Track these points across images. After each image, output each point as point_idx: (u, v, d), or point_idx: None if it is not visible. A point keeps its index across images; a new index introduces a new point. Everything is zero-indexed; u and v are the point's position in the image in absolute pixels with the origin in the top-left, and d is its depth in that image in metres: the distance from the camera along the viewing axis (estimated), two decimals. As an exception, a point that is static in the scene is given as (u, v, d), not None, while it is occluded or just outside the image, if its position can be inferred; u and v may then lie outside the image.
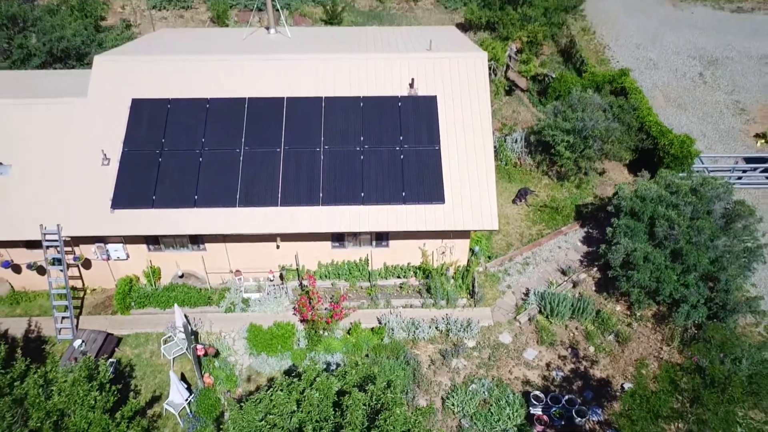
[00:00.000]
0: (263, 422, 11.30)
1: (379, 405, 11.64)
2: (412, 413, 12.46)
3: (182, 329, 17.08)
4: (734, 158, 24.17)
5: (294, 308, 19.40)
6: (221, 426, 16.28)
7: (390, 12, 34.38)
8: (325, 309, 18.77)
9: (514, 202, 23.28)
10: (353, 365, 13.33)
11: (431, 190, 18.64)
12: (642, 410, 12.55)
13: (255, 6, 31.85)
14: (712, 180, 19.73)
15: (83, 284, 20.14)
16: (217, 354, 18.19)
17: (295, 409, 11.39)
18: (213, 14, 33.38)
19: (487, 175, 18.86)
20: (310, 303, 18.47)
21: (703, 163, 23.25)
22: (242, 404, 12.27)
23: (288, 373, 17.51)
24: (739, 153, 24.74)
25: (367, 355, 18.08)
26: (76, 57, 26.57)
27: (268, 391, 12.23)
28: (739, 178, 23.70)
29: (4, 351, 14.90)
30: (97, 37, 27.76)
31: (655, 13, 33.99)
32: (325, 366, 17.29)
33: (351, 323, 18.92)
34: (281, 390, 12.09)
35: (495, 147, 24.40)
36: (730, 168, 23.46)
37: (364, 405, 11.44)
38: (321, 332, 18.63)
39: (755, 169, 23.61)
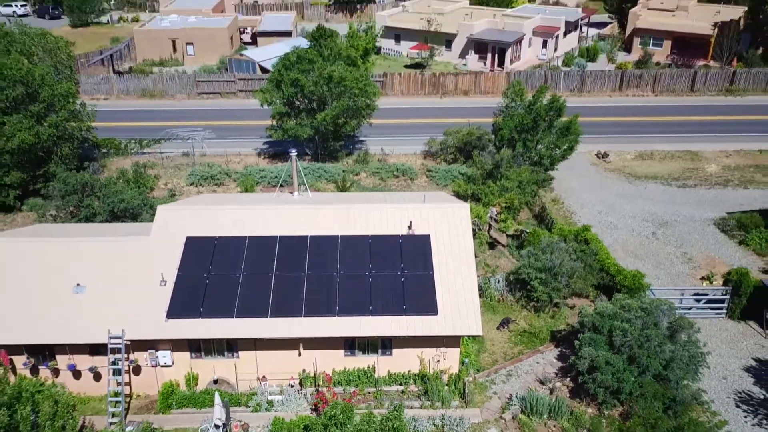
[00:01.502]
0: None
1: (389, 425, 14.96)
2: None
3: (222, 405, 20.33)
4: (680, 290, 28.57)
5: (311, 409, 22.65)
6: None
7: (390, 187, 40.73)
8: (339, 406, 22.04)
9: (498, 328, 27.29)
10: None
11: (426, 304, 22.91)
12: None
13: (279, 183, 37.92)
14: (657, 300, 24.05)
15: (130, 390, 23.50)
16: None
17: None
18: (242, 189, 39.63)
19: (472, 293, 23.24)
20: (326, 399, 21.84)
21: (654, 295, 27.55)
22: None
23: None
24: (684, 287, 29.26)
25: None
26: (132, 217, 32.03)
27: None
28: (690, 308, 27.94)
29: (77, 419, 18.23)
30: (149, 201, 33.48)
31: (613, 189, 40.31)
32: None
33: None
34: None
35: (480, 286, 28.87)
36: (678, 299, 27.79)
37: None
38: (335, 426, 21.73)
39: (699, 300, 28.00)
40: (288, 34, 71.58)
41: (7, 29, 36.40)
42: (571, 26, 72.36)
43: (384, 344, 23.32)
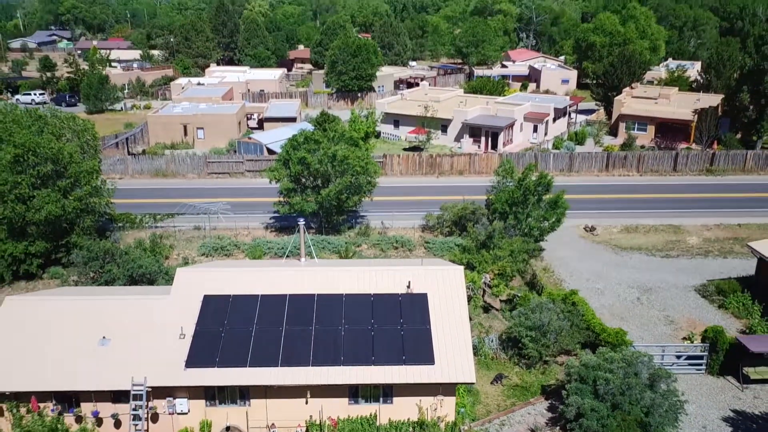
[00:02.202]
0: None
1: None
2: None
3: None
4: (662, 347, 30.47)
5: (317, 454, 24.21)
6: None
7: (390, 257, 43.13)
8: (343, 451, 23.65)
9: (492, 383, 29.07)
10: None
11: (424, 355, 24.90)
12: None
13: (286, 253, 40.38)
14: (637, 353, 26.04)
15: (148, 438, 25.10)
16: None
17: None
18: (250, 259, 42.01)
19: (466, 344, 25.28)
20: (331, 443, 23.47)
21: (637, 352, 29.46)
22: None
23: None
24: (665, 343, 31.19)
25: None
26: (149, 282, 34.29)
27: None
28: (672, 365, 29.78)
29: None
30: (164, 268, 35.81)
31: (601, 259, 42.78)
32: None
33: (363, 464, 23.61)
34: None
35: (475, 345, 30.77)
36: (660, 355, 29.67)
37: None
38: (339, 468, 23.26)
39: (679, 357, 29.90)
40: (293, 119, 75.97)
41: (41, 113, 39.85)
42: (560, 112, 76.98)
43: (385, 392, 25.10)
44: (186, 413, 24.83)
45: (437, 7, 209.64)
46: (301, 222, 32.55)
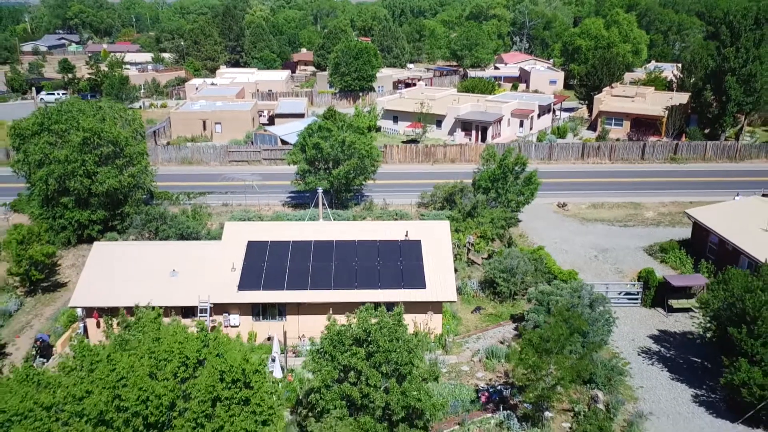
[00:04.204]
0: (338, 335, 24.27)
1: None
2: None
3: (277, 344, 29.78)
4: (606, 284, 38.34)
5: (337, 355, 31.94)
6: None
7: (391, 227, 50.99)
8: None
9: (472, 312, 36.92)
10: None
11: (418, 281, 32.79)
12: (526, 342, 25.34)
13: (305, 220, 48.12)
14: (581, 282, 33.90)
15: (208, 346, 32.79)
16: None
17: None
18: (272, 228, 49.74)
19: (450, 275, 33.16)
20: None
21: (586, 289, 37.28)
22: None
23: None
24: (609, 282, 39.07)
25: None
26: (194, 239, 42.07)
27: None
28: (614, 299, 37.63)
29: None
30: (205, 229, 43.64)
31: (568, 228, 50.62)
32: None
33: (372, 361, 31.34)
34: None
35: (459, 287, 38.65)
36: (605, 291, 37.51)
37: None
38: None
39: (620, 293, 37.80)
40: (301, 115, 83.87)
41: (100, 104, 47.66)
42: (544, 109, 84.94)
43: (388, 310, 32.83)
44: (237, 326, 32.67)
45: (434, 11, 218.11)
46: (320, 189, 40.38)
